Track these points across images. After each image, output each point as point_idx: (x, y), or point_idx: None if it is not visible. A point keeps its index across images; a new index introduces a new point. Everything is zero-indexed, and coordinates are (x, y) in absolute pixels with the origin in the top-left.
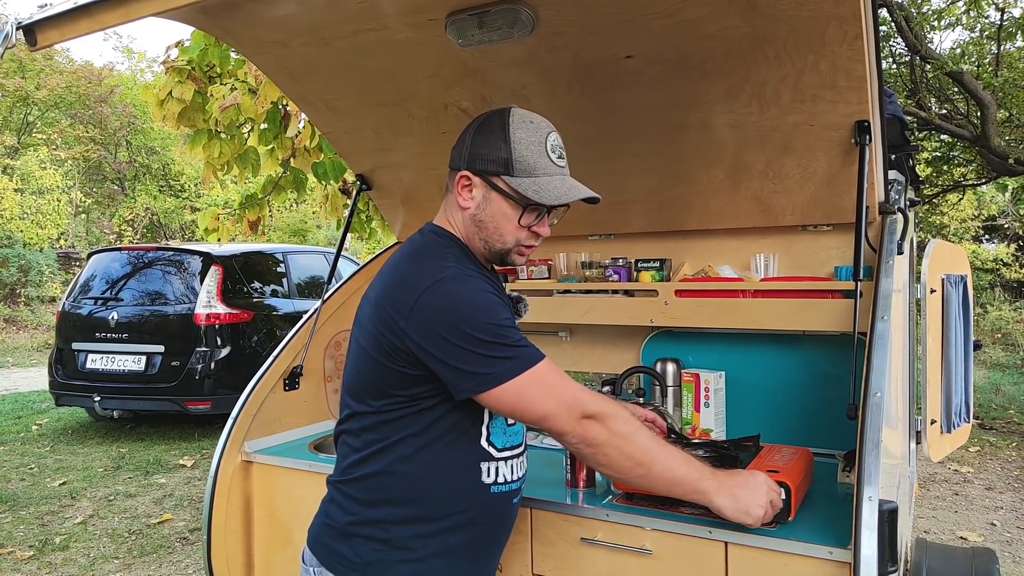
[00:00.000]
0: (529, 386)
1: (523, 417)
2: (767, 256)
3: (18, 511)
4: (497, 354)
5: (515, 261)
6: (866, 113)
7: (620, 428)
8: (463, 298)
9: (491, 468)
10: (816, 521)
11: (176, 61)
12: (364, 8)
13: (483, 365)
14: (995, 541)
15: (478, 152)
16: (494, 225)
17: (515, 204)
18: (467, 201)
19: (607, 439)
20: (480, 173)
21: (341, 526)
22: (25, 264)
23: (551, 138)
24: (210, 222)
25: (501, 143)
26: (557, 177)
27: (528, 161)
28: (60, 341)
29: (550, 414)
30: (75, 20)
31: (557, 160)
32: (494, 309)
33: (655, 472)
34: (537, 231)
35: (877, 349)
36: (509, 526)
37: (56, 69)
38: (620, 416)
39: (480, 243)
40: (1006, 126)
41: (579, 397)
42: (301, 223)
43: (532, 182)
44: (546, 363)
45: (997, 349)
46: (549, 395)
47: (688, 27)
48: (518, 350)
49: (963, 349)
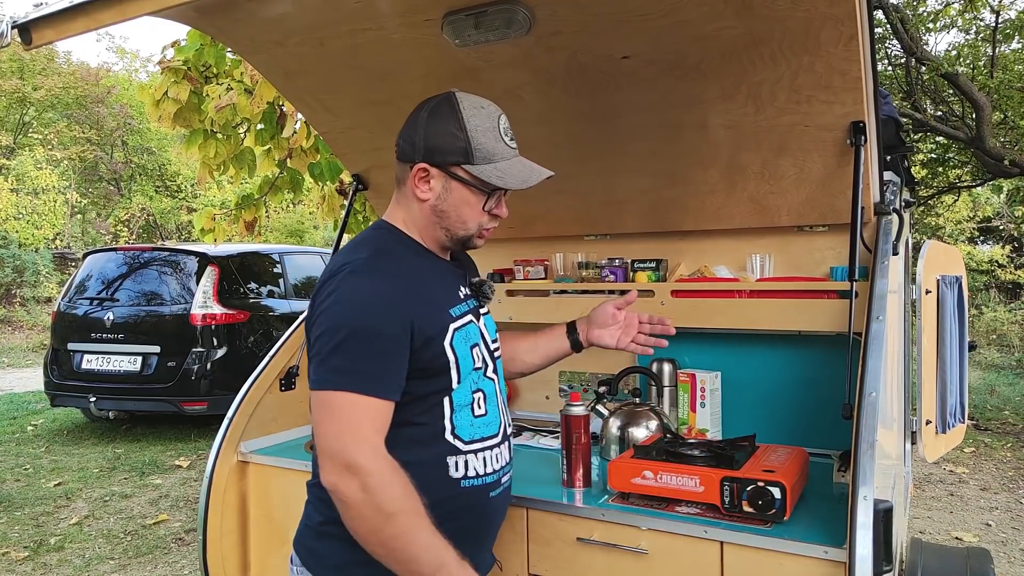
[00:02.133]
0: (320, 406)
1: (314, 426)
2: (763, 256)
3: (13, 512)
4: (327, 359)
5: (476, 244)
6: (861, 114)
7: (379, 502)
8: (342, 295)
9: (459, 462)
10: (811, 521)
11: (172, 61)
12: (360, 8)
13: (314, 363)
14: (990, 541)
15: (434, 143)
16: (457, 214)
17: (478, 191)
18: (426, 193)
19: (357, 506)
20: (439, 164)
21: (316, 526)
22: (21, 264)
23: (502, 121)
24: (206, 222)
25: (457, 132)
26: (515, 160)
27: (486, 148)
28: (56, 341)
29: (319, 445)
30: (71, 19)
31: (510, 143)
32: (364, 318)
33: (392, 561)
34: (497, 213)
35: (872, 349)
36: (492, 520)
37: (55, 70)
38: (387, 493)
39: (441, 232)
40: (1001, 128)
41: (349, 446)
42: (298, 223)
43: (494, 168)
44: (351, 396)
45: (992, 350)
46: (327, 425)
47: (684, 28)
48: (348, 364)
49: (958, 350)
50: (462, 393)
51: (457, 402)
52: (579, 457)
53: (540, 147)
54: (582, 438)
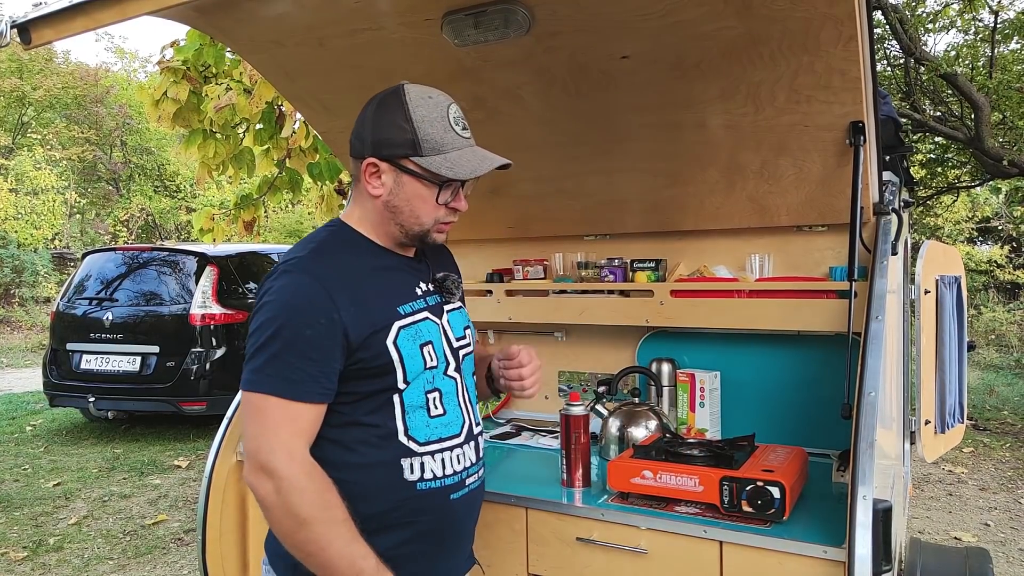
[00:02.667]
0: (244, 405)
1: (243, 426)
2: (762, 256)
3: (12, 512)
4: (252, 359)
5: (435, 240)
6: (860, 114)
7: (289, 506)
8: (272, 293)
9: (414, 464)
10: (811, 520)
11: (171, 61)
12: (360, 8)
13: (247, 362)
14: (989, 541)
15: (381, 137)
16: (410, 208)
17: (429, 184)
18: (377, 188)
19: (270, 509)
20: (387, 158)
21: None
22: (19, 264)
23: (452, 110)
24: (205, 222)
25: (404, 124)
26: (467, 150)
27: (434, 138)
28: (54, 341)
29: (246, 439)
30: (70, 18)
31: (462, 132)
32: (291, 318)
33: (313, 557)
34: (455, 207)
35: (871, 349)
36: (457, 523)
37: (54, 70)
38: (300, 498)
39: (396, 228)
40: (1000, 128)
41: (263, 448)
42: (297, 224)
43: (443, 159)
44: (270, 399)
45: (991, 350)
46: (248, 425)
47: (684, 27)
48: (269, 366)
49: (957, 350)
50: (413, 393)
51: (409, 403)
52: (578, 457)
53: (540, 147)
54: (581, 438)
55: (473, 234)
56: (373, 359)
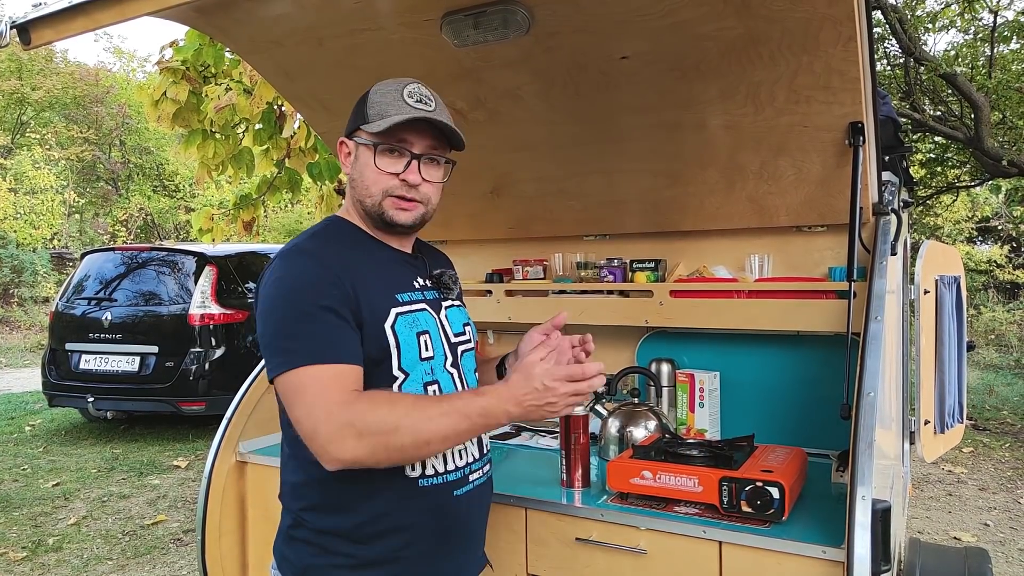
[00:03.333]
0: (285, 391)
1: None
2: (761, 257)
3: (11, 512)
4: (280, 343)
5: (393, 218)
6: (860, 115)
7: (377, 430)
8: (277, 277)
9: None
10: (810, 520)
11: (171, 61)
12: (359, 8)
13: (270, 352)
14: (988, 541)
15: (350, 118)
16: (361, 179)
17: (369, 147)
18: (348, 167)
19: (370, 452)
20: (349, 135)
21: (285, 530)
22: (18, 264)
23: (411, 87)
24: (204, 222)
25: (362, 102)
26: (413, 112)
27: (382, 106)
28: (53, 341)
29: (299, 422)
30: (70, 19)
31: (416, 103)
32: (302, 293)
33: (439, 443)
34: (405, 178)
35: (870, 349)
36: (463, 520)
37: (53, 70)
38: (375, 417)
39: (359, 206)
40: (999, 128)
41: (331, 413)
42: (296, 223)
43: (383, 122)
44: (309, 370)
45: (991, 350)
46: (298, 408)
47: (683, 28)
48: (300, 343)
49: (956, 350)
50: (412, 385)
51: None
52: (578, 457)
53: (539, 147)
54: (581, 438)
55: (473, 234)
56: (371, 342)
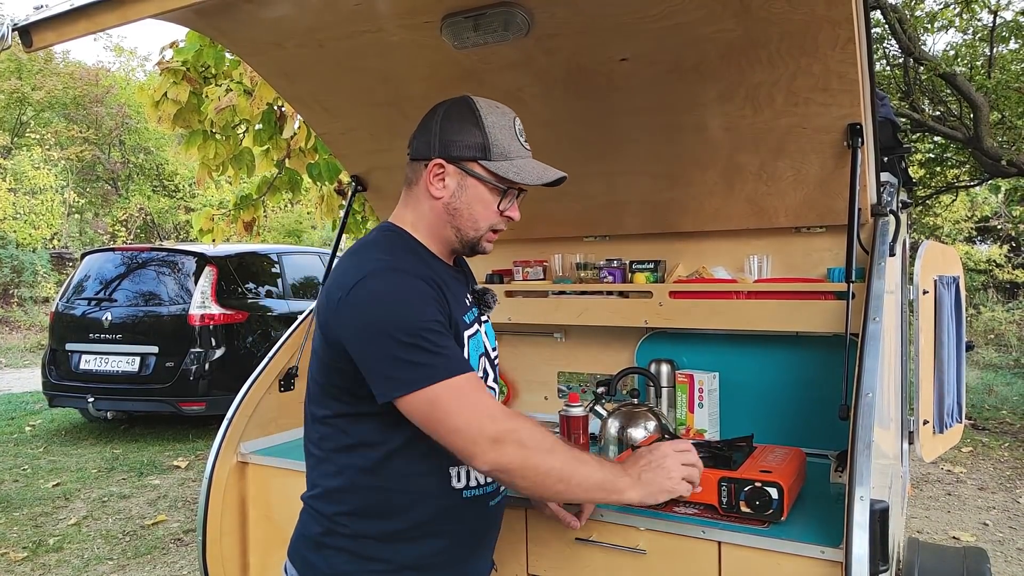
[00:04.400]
0: (440, 397)
1: (433, 431)
2: (760, 258)
3: (11, 512)
4: (412, 358)
5: (484, 249)
6: (858, 116)
7: (536, 446)
8: (386, 294)
9: (461, 472)
10: (808, 521)
11: (171, 62)
12: (359, 10)
13: (396, 368)
14: (987, 541)
15: (451, 139)
16: (469, 212)
17: (494, 188)
18: (440, 191)
19: (522, 462)
20: (455, 160)
21: (314, 537)
22: (18, 264)
23: (517, 122)
24: (204, 222)
25: (475, 129)
26: (529, 159)
27: (503, 145)
28: (53, 342)
29: (459, 430)
30: (72, 21)
31: (524, 143)
32: (420, 309)
33: (574, 485)
34: (510, 215)
35: (869, 350)
36: (491, 529)
37: (53, 70)
38: (535, 435)
39: (452, 232)
40: (999, 128)
41: (495, 416)
42: (296, 224)
43: (510, 165)
44: (466, 377)
45: (990, 350)
46: (460, 410)
47: (683, 30)
48: (436, 357)
49: (955, 350)
50: None
51: None
52: None
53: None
54: (581, 439)
55: None
56: None
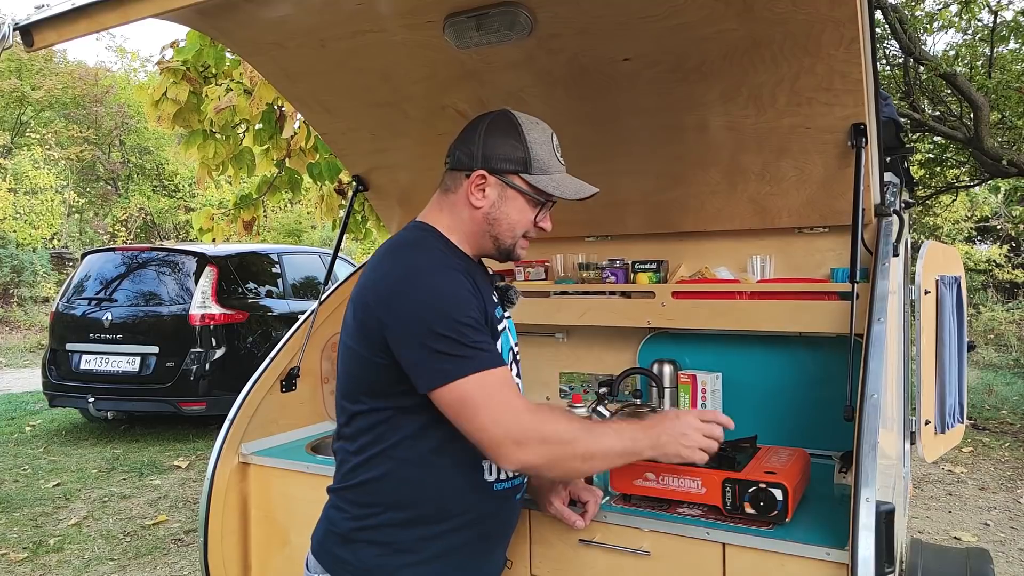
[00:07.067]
0: (473, 391)
1: (462, 424)
2: (763, 258)
3: (12, 512)
4: (451, 351)
5: (519, 255)
6: (862, 116)
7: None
8: (432, 289)
9: (492, 465)
10: (813, 522)
11: (171, 62)
12: (361, 10)
13: (436, 361)
14: (989, 541)
15: (493, 152)
16: (508, 222)
17: (532, 200)
18: (480, 200)
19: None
20: (497, 172)
21: (344, 532)
22: (18, 264)
23: (554, 138)
24: (205, 222)
25: (517, 143)
26: (565, 175)
27: (543, 159)
28: (54, 342)
29: (485, 429)
30: (73, 21)
31: (561, 159)
32: (461, 305)
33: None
34: (543, 226)
35: (873, 351)
36: (513, 522)
37: (53, 70)
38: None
39: (488, 240)
40: (999, 128)
41: (519, 415)
42: (296, 223)
43: (549, 179)
44: (498, 372)
45: (990, 350)
46: (488, 406)
47: (685, 30)
48: (474, 351)
49: (957, 350)
50: None
51: None
52: None
53: None
54: None
55: None
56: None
